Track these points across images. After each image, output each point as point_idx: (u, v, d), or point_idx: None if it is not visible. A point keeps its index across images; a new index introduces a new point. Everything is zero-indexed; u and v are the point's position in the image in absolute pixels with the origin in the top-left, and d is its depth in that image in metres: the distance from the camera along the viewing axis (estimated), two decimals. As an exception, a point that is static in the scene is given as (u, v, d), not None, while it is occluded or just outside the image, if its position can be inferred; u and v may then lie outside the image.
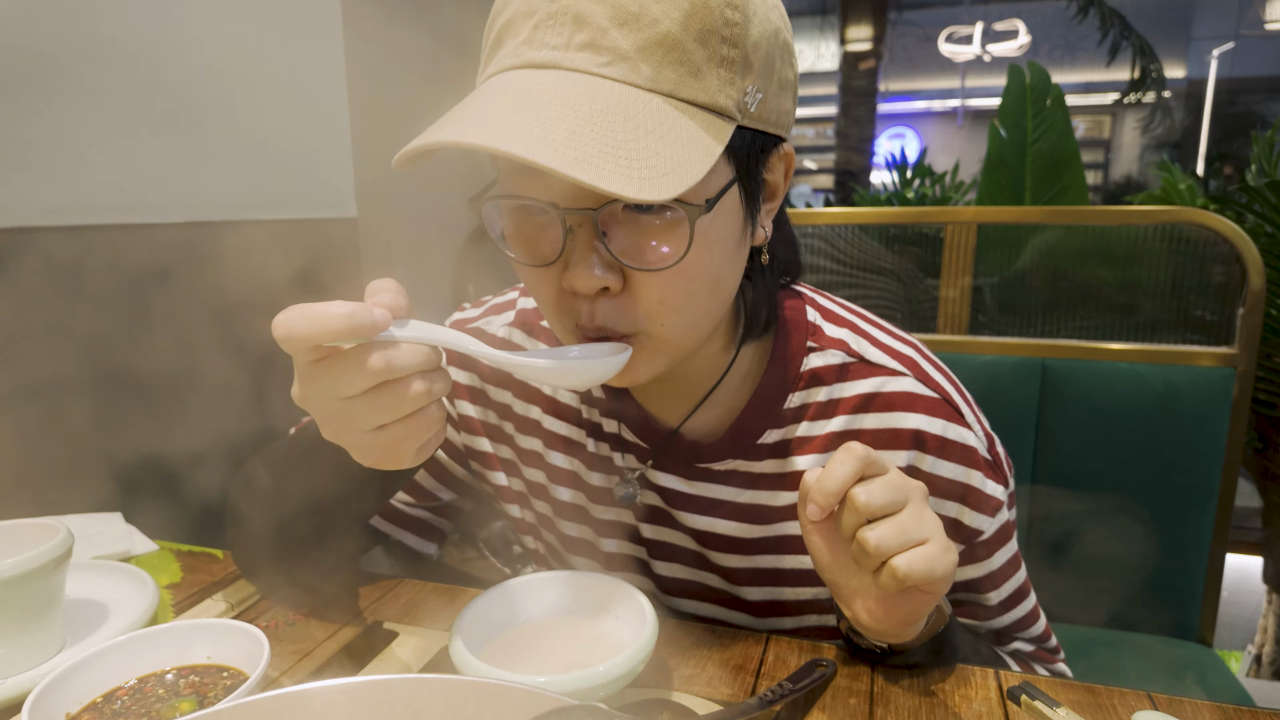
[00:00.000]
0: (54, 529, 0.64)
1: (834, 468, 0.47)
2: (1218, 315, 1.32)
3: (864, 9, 5.70)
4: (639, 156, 0.41)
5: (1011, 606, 0.65)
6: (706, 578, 0.67)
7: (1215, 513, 1.28)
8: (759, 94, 0.47)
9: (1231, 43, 7.46)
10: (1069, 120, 1.52)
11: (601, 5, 0.43)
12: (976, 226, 1.34)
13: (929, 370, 0.62)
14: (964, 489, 0.60)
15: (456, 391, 0.73)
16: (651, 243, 0.47)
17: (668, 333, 0.51)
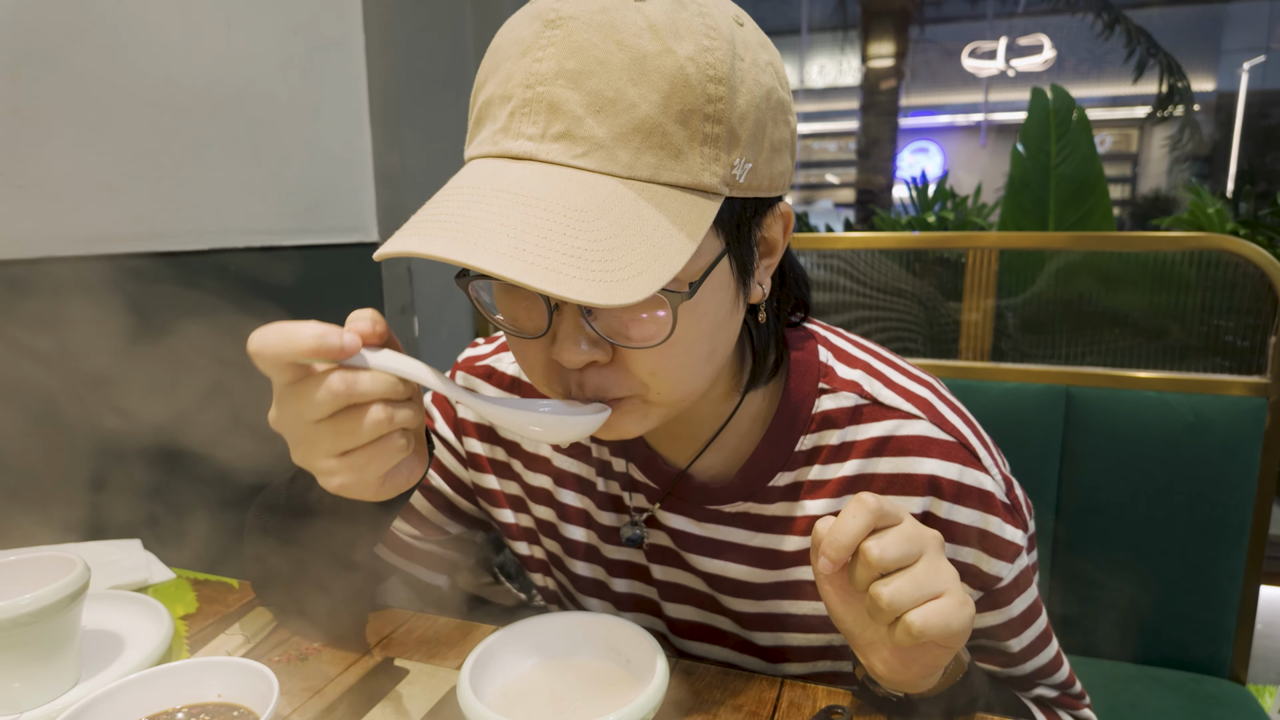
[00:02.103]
0: (71, 563, 0.65)
1: (845, 520, 0.46)
2: (1249, 341, 1.29)
3: (886, 24, 5.68)
4: (613, 257, 0.40)
5: (1034, 654, 0.63)
6: (718, 620, 0.67)
7: (1248, 546, 1.25)
8: (748, 164, 0.46)
9: (1263, 55, 7.33)
10: (1093, 143, 1.49)
11: (576, 92, 0.42)
12: (999, 252, 1.33)
13: (945, 412, 0.61)
14: (981, 534, 0.58)
15: (464, 429, 0.73)
16: (636, 323, 0.46)
17: (661, 398, 0.50)
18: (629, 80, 0.41)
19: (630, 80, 0.41)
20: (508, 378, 0.71)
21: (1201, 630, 1.27)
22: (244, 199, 1.30)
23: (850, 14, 6.13)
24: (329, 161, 1.45)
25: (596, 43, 0.42)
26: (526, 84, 0.43)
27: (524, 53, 0.43)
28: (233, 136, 1.28)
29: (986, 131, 8.01)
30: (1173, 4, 7.59)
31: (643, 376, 0.48)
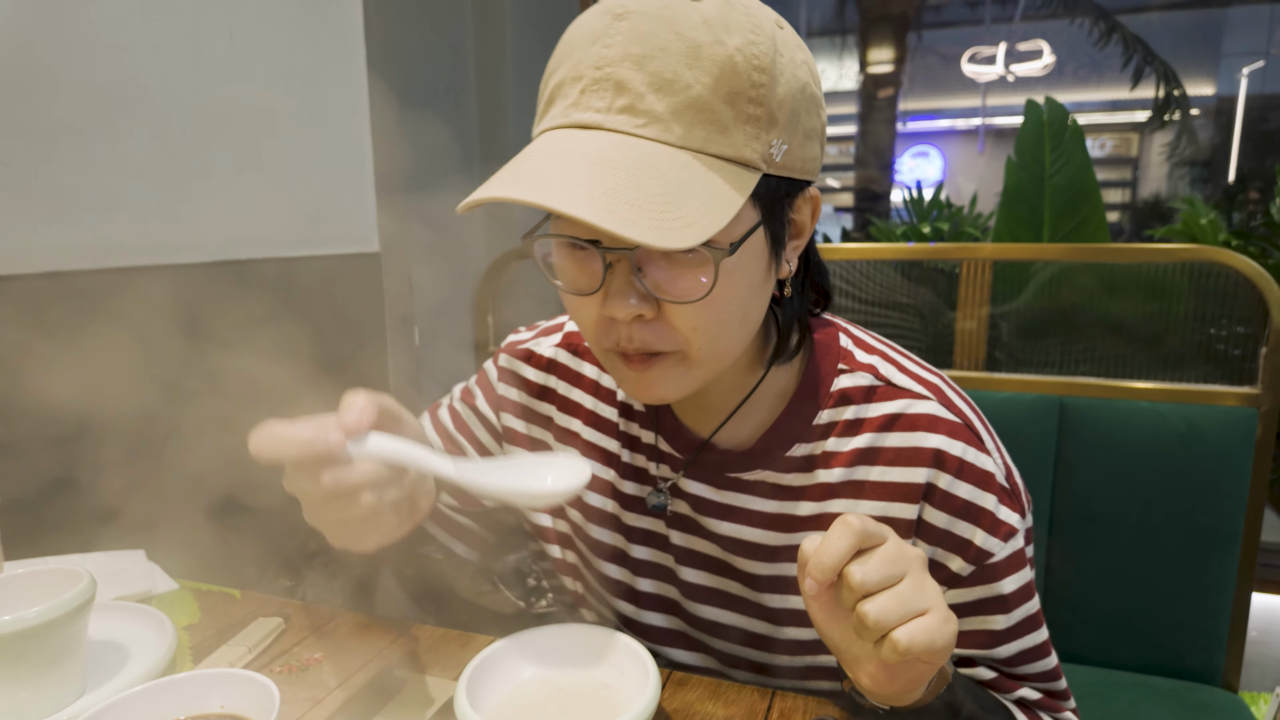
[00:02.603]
0: (78, 575, 0.66)
1: (831, 542, 0.47)
2: (1241, 351, 1.30)
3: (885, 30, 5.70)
4: (668, 209, 0.46)
5: (1020, 634, 0.64)
6: (729, 585, 0.69)
7: (1239, 555, 1.26)
8: (784, 145, 0.52)
9: (1262, 60, 7.34)
10: (1087, 153, 1.50)
11: (640, 73, 0.48)
12: (993, 262, 1.34)
13: (952, 398, 0.65)
14: (979, 511, 0.61)
15: (503, 404, 0.78)
16: (681, 279, 0.52)
17: (700, 355, 0.55)
18: (685, 65, 0.48)
19: (686, 65, 0.48)
20: (544, 359, 0.76)
21: (1194, 638, 1.28)
22: (247, 210, 1.32)
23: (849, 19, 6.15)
24: (331, 172, 1.46)
25: (658, 32, 0.48)
26: (596, 66, 0.49)
27: (594, 41, 0.50)
28: (236, 148, 1.29)
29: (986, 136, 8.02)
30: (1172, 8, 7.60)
31: (685, 331, 0.54)
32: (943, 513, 0.61)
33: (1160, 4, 7.32)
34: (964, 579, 0.62)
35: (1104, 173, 8.89)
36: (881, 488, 0.63)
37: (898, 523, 0.62)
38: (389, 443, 0.51)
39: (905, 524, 0.62)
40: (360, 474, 0.50)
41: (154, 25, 1.18)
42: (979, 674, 0.65)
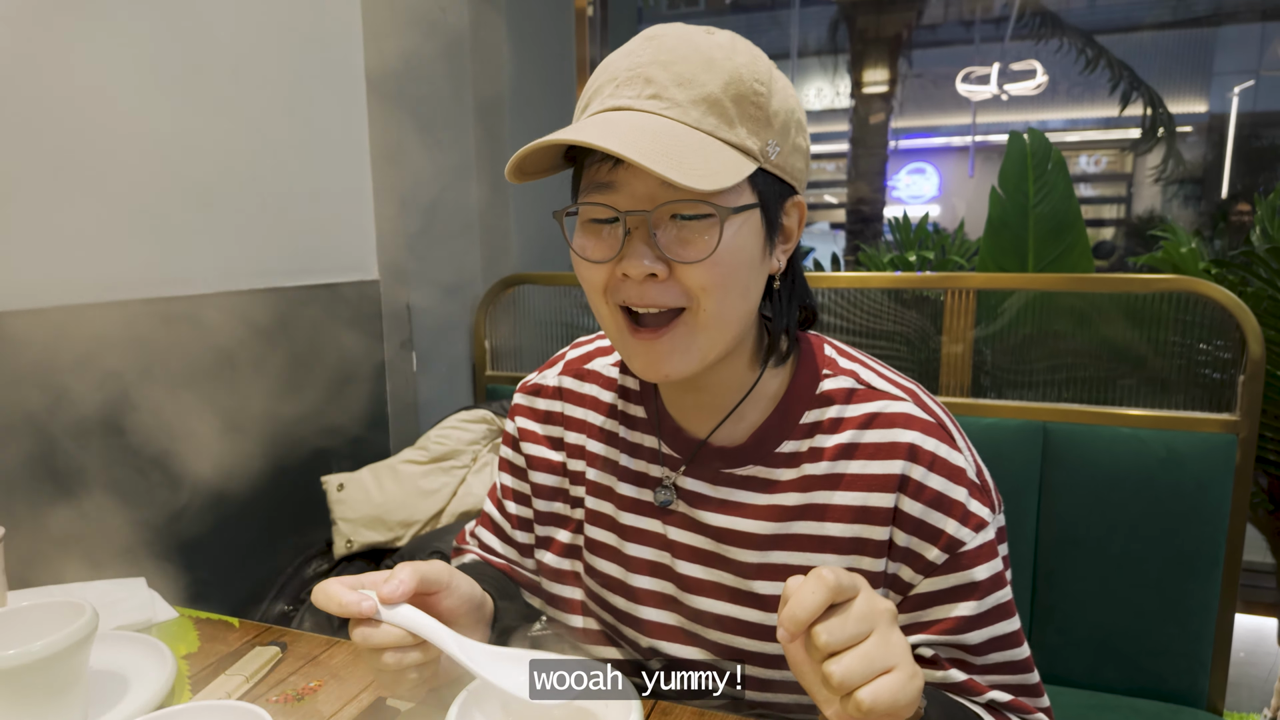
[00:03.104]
0: (80, 608, 0.68)
1: (804, 596, 0.50)
2: (1221, 377, 1.33)
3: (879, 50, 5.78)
4: (687, 163, 0.55)
5: (991, 621, 0.66)
6: (723, 576, 0.72)
7: (1221, 579, 1.28)
8: (777, 147, 0.62)
9: (1253, 79, 7.42)
10: (1070, 184, 1.54)
11: (665, 72, 0.59)
12: (976, 292, 1.37)
13: (927, 401, 0.70)
14: (950, 503, 0.65)
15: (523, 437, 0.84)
16: (691, 240, 0.60)
17: (706, 318, 0.61)
18: (701, 69, 0.59)
19: (702, 69, 0.59)
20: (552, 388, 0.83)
21: (1178, 661, 1.30)
22: (248, 242, 1.35)
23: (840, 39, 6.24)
24: (331, 203, 1.50)
25: (679, 47, 0.60)
26: (629, 68, 0.61)
27: (628, 54, 0.62)
28: (239, 182, 1.33)
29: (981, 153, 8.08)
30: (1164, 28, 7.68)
31: (694, 290, 0.61)
32: (917, 503, 0.65)
33: (1152, 23, 7.40)
34: (939, 567, 0.65)
35: (1099, 189, 8.95)
36: (860, 479, 0.67)
37: (877, 512, 0.66)
38: (413, 616, 0.62)
39: (884, 512, 0.66)
40: (384, 637, 0.60)
41: (163, 68, 1.21)
42: (951, 676, 0.67)
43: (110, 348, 1.13)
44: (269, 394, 1.33)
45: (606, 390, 0.80)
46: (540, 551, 0.83)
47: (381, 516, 1.38)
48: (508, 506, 0.86)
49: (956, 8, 6.95)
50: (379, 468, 1.44)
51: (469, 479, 1.43)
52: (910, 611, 0.67)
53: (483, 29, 1.81)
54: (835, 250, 3.13)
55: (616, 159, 0.58)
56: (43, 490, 1.07)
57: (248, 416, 1.30)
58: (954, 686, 0.67)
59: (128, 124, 1.17)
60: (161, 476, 1.22)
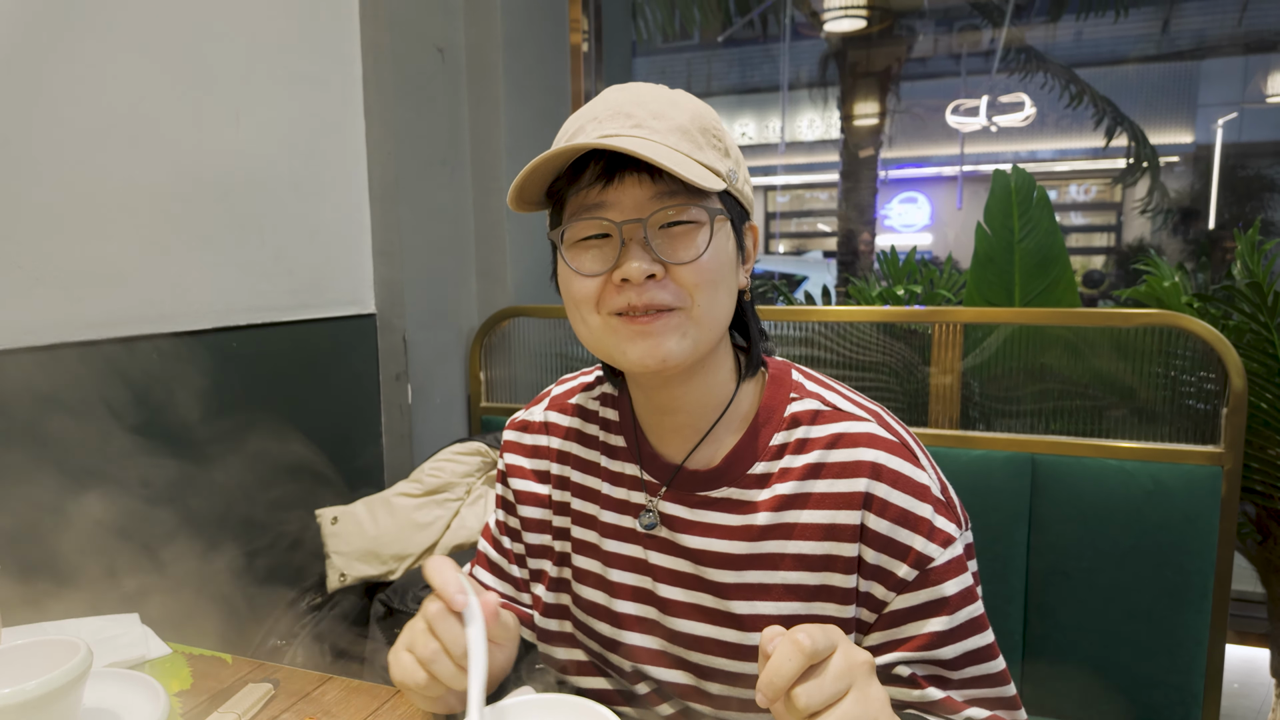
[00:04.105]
0: (75, 646, 0.69)
1: (780, 664, 0.52)
2: (1205, 408, 1.35)
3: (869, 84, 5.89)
4: (680, 170, 0.62)
5: (964, 635, 0.68)
6: (702, 598, 0.74)
7: (1211, 611, 1.29)
8: (734, 174, 0.69)
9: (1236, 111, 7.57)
10: (1054, 219, 1.57)
11: (641, 108, 0.67)
12: (963, 326, 1.39)
13: (890, 422, 0.74)
14: (916, 519, 0.67)
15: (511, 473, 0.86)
16: (682, 244, 0.66)
17: (699, 314, 0.66)
18: (669, 107, 0.68)
19: (669, 107, 0.68)
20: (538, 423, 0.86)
21: (1171, 693, 1.30)
22: (248, 278, 1.37)
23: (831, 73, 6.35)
24: (330, 239, 1.52)
25: (645, 93, 0.69)
26: (608, 107, 0.68)
27: (602, 99, 0.70)
28: (238, 220, 1.35)
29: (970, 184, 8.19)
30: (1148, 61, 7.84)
31: (688, 289, 0.66)
32: (883, 519, 0.67)
33: (1137, 57, 7.55)
34: (909, 583, 0.67)
35: (1089, 217, 9.05)
36: (827, 498, 0.69)
37: (844, 529, 0.69)
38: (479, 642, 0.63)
39: (850, 529, 0.68)
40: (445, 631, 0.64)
41: (166, 110, 1.24)
42: (929, 694, 0.68)
43: (107, 384, 1.14)
44: (264, 427, 1.34)
45: (589, 423, 0.83)
46: (534, 585, 0.84)
47: (375, 550, 1.38)
48: (502, 542, 0.88)
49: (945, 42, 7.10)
50: (373, 501, 1.45)
51: (463, 511, 1.43)
52: (884, 629, 0.69)
53: (480, 65, 1.85)
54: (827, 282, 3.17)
55: (604, 181, 0.65)
56: (35, 526, 1.07)
57: (243, 449, 1.31)
58: (932, 705, 0.68)
59: (125, 160, 1.19)
60: (155, 511, 1.22)
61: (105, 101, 1.16)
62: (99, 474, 1.15)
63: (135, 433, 1.17)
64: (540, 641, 0.84)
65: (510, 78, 1.87)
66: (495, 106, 1.82)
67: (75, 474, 1.10)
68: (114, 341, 1.16)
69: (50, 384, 1.08)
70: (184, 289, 1.27)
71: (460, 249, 1.82)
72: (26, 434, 1.06)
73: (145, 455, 1.19)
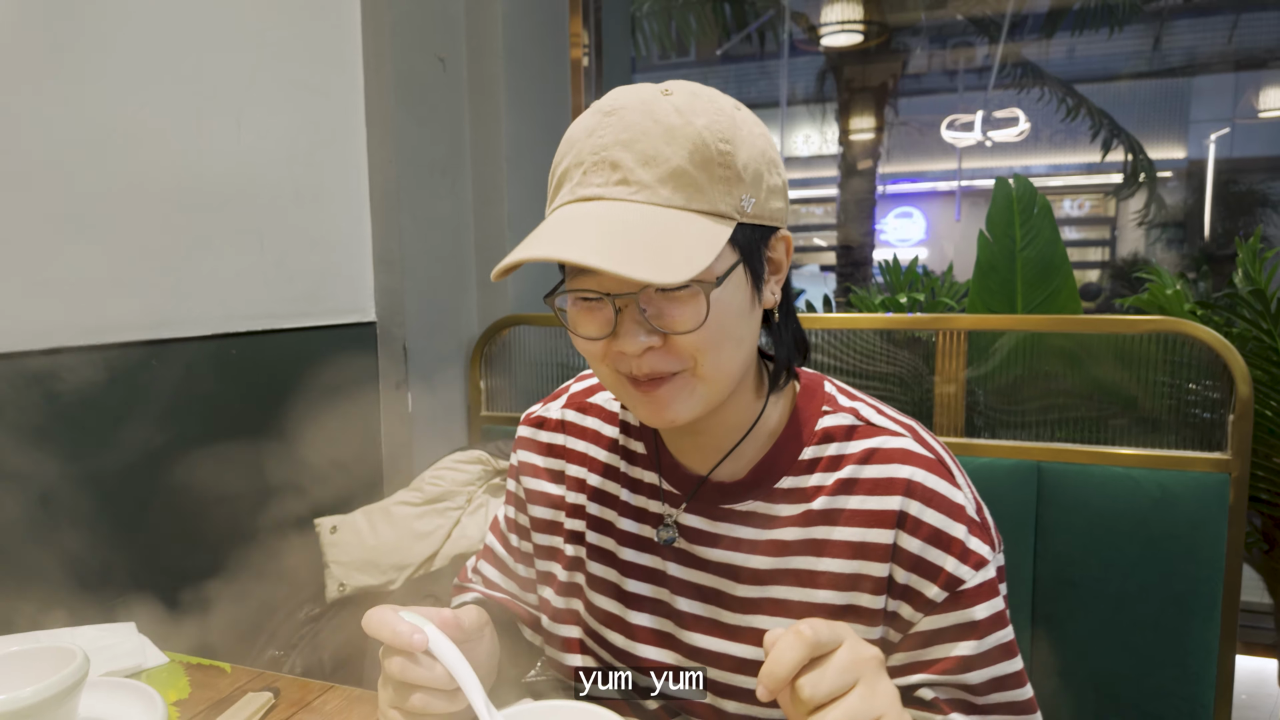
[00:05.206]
0: (71, 653, 0.67)
1: (783, 653, 0.50)
2: (1211, 416, 1.34)
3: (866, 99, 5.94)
4: (660, 253, 0.55)
5: (993, 661, 0.66)
6: (721, 614, 0.72)
7: (1220, 619, 1.27)
8: (751, 199, 0.62)
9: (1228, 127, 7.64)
10: (1056, 228, 1.58)
11: (628, 153, 0.59)
12: (967, 333, 1.39)
13: (926, 437, 0.70)
14: (949, 539, 0.64)
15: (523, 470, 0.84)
16: (680, 312, 0.60)
17: (706, 372, 0.62)
18: (664, 143, 0.59)
19: (665, 143, 0.59)
20: (555, 421, 0.83)
21: (1179, 704, 1.28)
22: (248, 286, 1.36)
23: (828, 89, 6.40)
24: (330, 248, 1.51)
25: (639, 121, 0.59)
26: (593, 152, 0.60)
27: (590, 134, 0.61)
28: (239, 227, 1.34)
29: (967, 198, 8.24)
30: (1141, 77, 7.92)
31: (691, 353, 0.62)
32: (915, 539, 0.65)
33: (1130, 73, 7.63)
34: (939, 605, 0.65)
35: (1083, 232, 9.11)
36: (859, 515, 0.67)
37: (875, 548, 0.66)
38: (457, 659, 0.60)
39: (882, 549, 0.66)
40: (424, 675, 0.59)
41: (168, 119, 1.24)
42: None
43: (105, 390, 1.13)
44: (263, 435, 1.33)
45: (608, 425, 0.80)
46: (542, 588, 0.83)
47: (375, 559, 1.36)
48: (510, 539, 0.86)
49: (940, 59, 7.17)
50: (372, 510, 1.43)
51: (463, 520, 1.42)
52: (910, 650, 0.67)
53: (481, 75, 1.85)
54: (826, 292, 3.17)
55: None
56: (29, 534, 1.05)
57: (241, 457, 1.30)
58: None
59: (126, 166, 1.19)
60: (152, 519, 1.21)
61: (107, 108, 1.16)
62: (95, 480, 1.13)
63: (132, 439, 1.16)
64: (547, 645, 0.82)
65: (511, 88, 1.87)
66: (496, 116, 1.82)
67: (70, 480, 1.08)
68: (112, 347, 1.15)
69: (47, 389, 1.06)
70: (183, 295, 1.26)
71: (460, 258, 1.82)
72: (22, 438, 1.05)
73: (142, 462, 1.18)
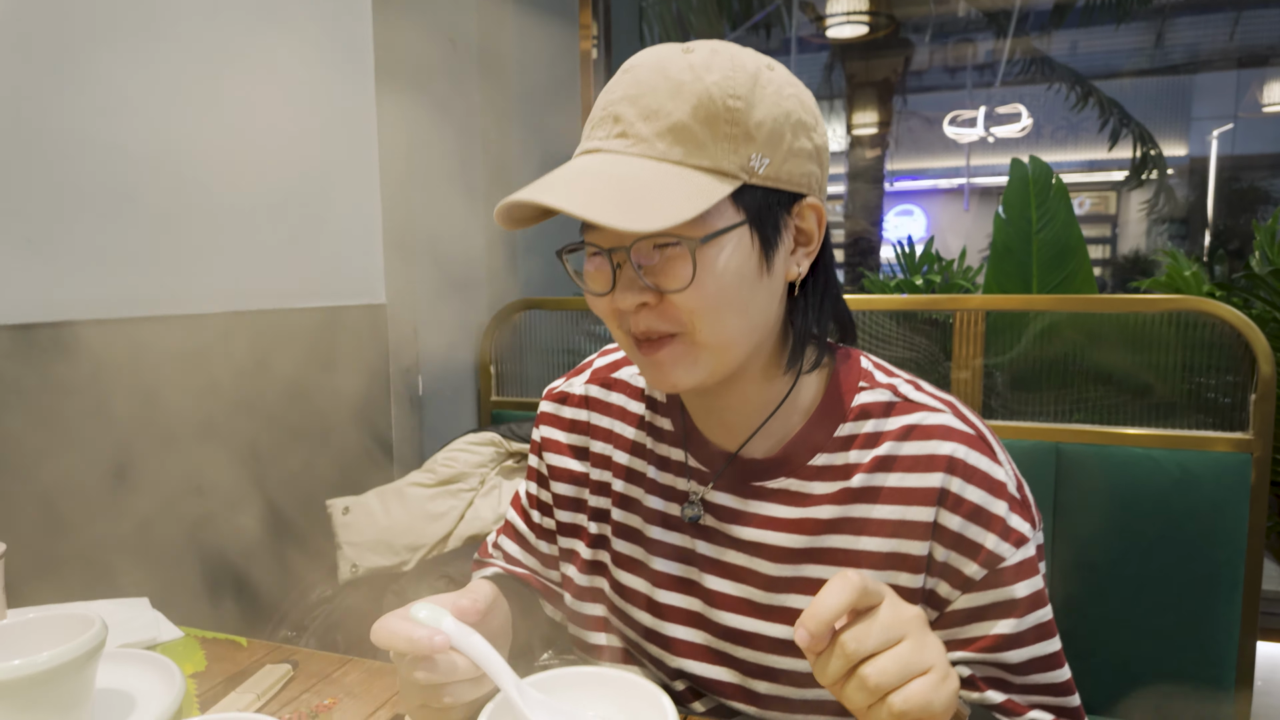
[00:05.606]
0: (89, 620, 0.66)
1: (828, 596, 0.48)
2: (1231, 399, 1.33)
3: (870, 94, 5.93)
4: (639, 205, 0.55)
5: (1032, 641, 0.65)
6: (752, 593, 0.70)
7: (1241, 602, 1.26)
8: (764, 159, 0.59)
9: (1231, 123, 7.64)
10: (1072, 209, 1.56)
11: (632, 108, 0.59)
12: (985, 313, 1.38)
13: (966, 413, 0.69)
14: (990, 517, 0.63)
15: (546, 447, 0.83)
16: (668, 270, 0.60)
17: (704, 338, 0.61)
18: (668, 98, 0.58)
19: (669, 98, 0.58)
20: (579, 397, 0.82)
21: (1201, 687, 1.27)
22: (260, 264, 1.35)
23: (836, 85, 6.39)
24: (341, 228, 1.50)
25: (650, 78, 0.60)
26: (603, 107, 0.62)
27: (607, 90, 0.63)
28: (251, 205, 1.33)
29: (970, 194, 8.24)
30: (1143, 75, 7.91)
31: (685, 315, 0.61)
32: (956, 515, 0.63)
33: (1132, 70, 7.61)
34: (977, 583, 0.63)
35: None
36: (898, 493, 0.65)
37: (915, 526, 0.65)
38: (482, 646, 0.59)
39: (923, 527, 0.64)
40: (449, 673, 0.58)
41: (179, 93, 1.22)
42: (989, 698, 0.65)
43: (116, 364, 1.11)
44: (273, 414, 1.32)
45: (635, 400, 0.79)
46: (565, 565, 0.81)
47: (388, 540, 1.35)
48: (532, 515, 0.85)
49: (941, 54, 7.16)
50: (385, 491, 1.42)
51: (476, 502, 1.40)
52: (948, 628, 0.65)
53: (491, 56, 1.84)
54: (837, 280, 3.16)
55: None
56: (44, 509, 1.04)
57: (251, 437, 1.28)
58: (993, 708, 0.65)
59: (140, 144, 1.17)
60: (163, 499, 1.19)
61: (116, 84, 1.14)
62: (102, 458, 1.12)
63: (140, 417, 1.14)
64: (570, 623, 0.81)
65: (521, 70, 1.86)
66: (507, 97, 1.81)
67: (78, 457, 1.07)
68: (121, 322, 1.14)
69: (54, 363, 1.05)
70: (197, 272, 1.25)
71: (471, 241, 1.80)
72: (30, 413, 1.03)
73: (148, 439, 1.16)
